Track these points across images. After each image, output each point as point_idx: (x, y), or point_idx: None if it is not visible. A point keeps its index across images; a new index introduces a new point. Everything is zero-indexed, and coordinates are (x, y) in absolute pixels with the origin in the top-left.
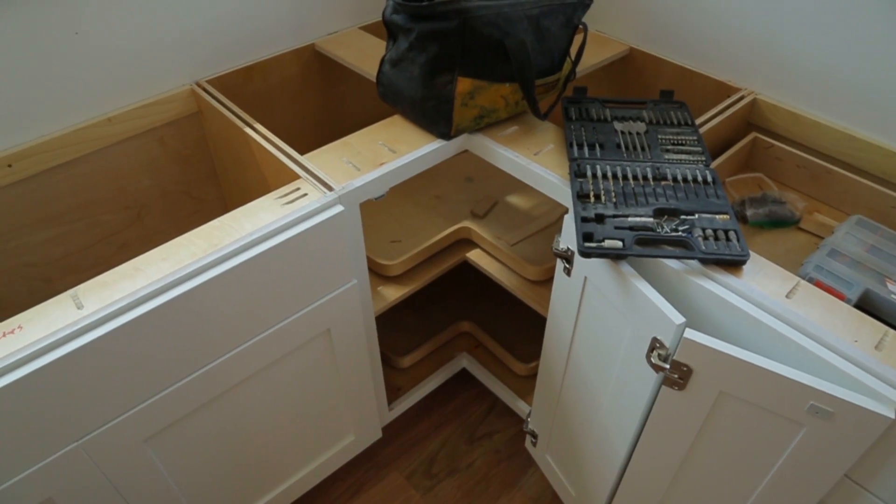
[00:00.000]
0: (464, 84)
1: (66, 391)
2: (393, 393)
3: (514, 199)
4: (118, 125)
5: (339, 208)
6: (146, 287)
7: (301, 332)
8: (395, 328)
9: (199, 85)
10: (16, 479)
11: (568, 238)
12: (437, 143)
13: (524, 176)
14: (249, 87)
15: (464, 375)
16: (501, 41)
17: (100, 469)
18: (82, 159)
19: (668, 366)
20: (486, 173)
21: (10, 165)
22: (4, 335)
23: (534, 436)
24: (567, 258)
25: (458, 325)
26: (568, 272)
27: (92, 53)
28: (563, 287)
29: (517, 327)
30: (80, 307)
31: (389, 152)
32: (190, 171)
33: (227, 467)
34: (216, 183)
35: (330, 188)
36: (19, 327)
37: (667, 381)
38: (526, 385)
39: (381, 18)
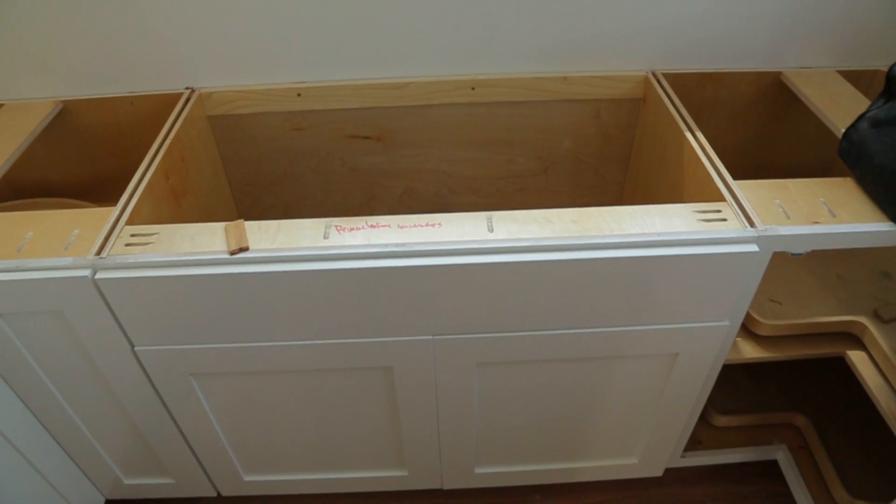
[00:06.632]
0: None
1: (451, 293)
2: (692, 443)
3: None
4: (570, 86)
5: (753, 247)
6: (549, 239)
7: (652, 344)
8: (724, 382)
9: (653, 74)
10: (380, 339)
11: None
12: (887, 226)
13: None
14: (699, 92)
15: (770, 466)
16: None
17: (435, 366)
18: (528, 104)
19: None
20: None
21: (472, 88)
22: (427, 225)
23: None
24: None
25: (793, 416)
26: None
27: (574, 16)
28: None
29: (862, 453)
30: (490, 230)
31: (829, 214)
32: (607, 149)
33: (525, 423)
34: (624, 168)
35: (752, 224)
36: (439, 224)
37: None
38: None
39: (868, 67)
